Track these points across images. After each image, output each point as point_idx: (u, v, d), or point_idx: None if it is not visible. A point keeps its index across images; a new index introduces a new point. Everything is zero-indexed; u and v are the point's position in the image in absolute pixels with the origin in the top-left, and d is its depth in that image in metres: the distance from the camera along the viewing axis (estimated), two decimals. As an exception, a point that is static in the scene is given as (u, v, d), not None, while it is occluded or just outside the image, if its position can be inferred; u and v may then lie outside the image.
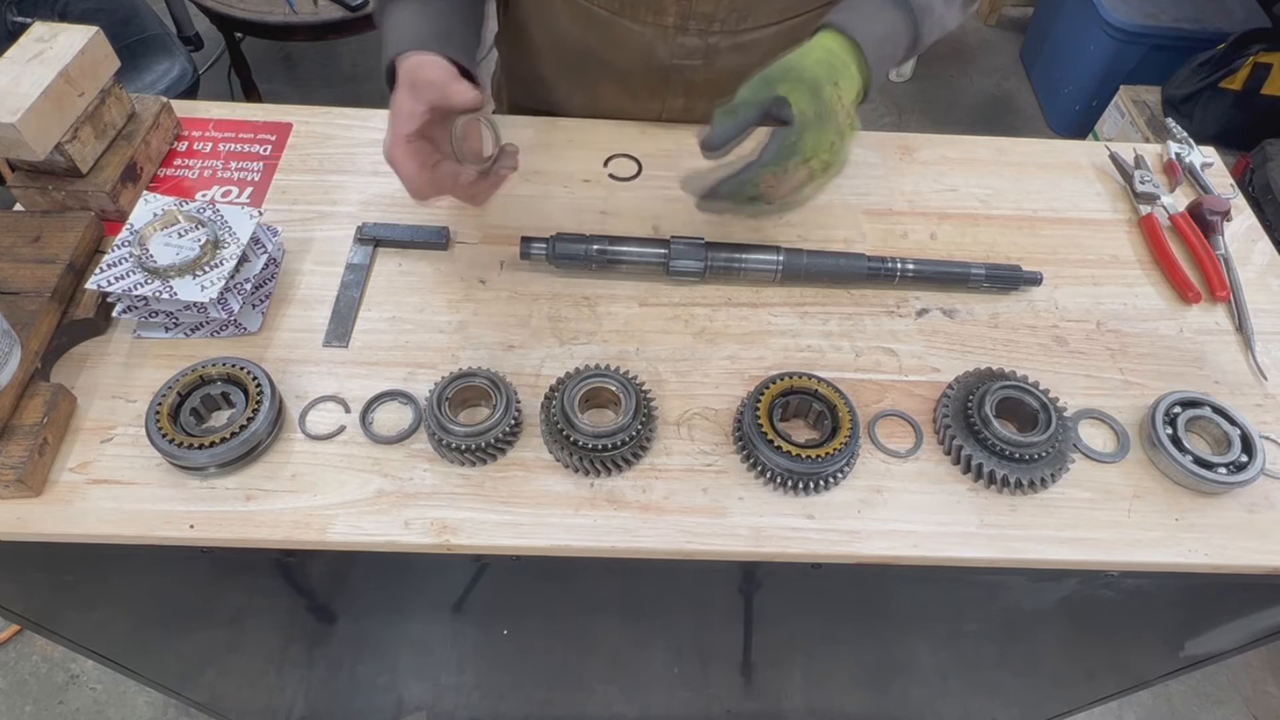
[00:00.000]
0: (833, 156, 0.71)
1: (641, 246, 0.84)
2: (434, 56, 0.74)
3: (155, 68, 2.05)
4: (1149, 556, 0.69)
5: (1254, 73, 2.24)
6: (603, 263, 0.84)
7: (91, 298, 0.77)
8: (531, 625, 1.00)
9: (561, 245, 0.83)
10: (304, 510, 0.68)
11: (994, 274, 0.86)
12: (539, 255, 0.84)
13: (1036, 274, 0.87)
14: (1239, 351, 0.84)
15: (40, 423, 0.68)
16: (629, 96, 1.00)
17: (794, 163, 0.70)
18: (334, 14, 2.33)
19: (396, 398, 0.75)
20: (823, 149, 0.70)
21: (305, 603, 0.95)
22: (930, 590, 0.85)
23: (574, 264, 0.84)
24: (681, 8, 0.88)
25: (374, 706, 1.36)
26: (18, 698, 1.70)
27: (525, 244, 0.84)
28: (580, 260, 0.84)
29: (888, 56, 0.76)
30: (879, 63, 0.74)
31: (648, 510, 0.70)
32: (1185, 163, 1.01)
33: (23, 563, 0.77)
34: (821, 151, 0.70)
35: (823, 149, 0.70)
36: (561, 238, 0.84)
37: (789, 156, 0.70)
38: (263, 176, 0.93)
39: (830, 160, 0.71)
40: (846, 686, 1.27)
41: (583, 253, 0.83)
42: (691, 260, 0.83)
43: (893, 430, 0.76)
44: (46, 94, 0.77)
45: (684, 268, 0.83)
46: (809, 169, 0.71)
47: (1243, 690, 1.81)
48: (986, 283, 0.86)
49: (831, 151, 0.70)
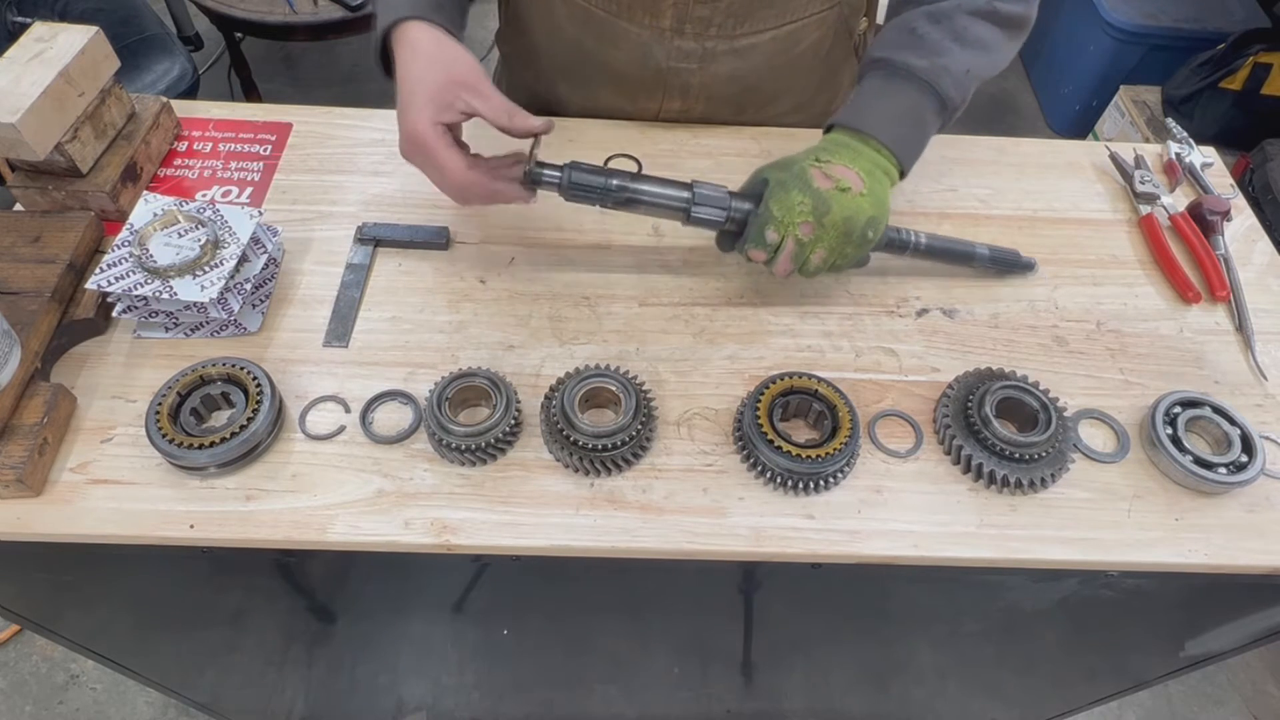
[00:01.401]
0: (810, 218, 0.72)
1: (663, 188, 0.77)
2: (460, 51, 0.74)
3: (155, 68, 2.05)
4: (1149, 556, 0.69)
5: (1254, 73, 2.24)
6: (620, 200, 0.76)
7: (91, 298, 0.77)
8: (531, 625, 1.00)
9: (578, 175, 0.75)
10: (304, 510, 0.68)
11: (996, 255, 0.87)
12: (550, 183, 0.75)
13: (1031, 260, 0.88)
14: (1239, 351, 0.84)
15: (40, 423, 0.68)
16: (626, 97, 1.00)
17: (769, 230, 0.73)
18: (334, 14, 2.33)
19: (396, 398, 0.75)
20: (793, 212, 0.72)
21: (305, 603, 0.95)
22: (930, 590, 0.85)
23: (587, 196, 0.76)
24: (678, 11, 0.88)
25: (374, 706, 1.36)
26: (18, 698, 1.70)
27: (537, 168, 0.75)
28: (596, 193, 0.76)
29: (912, 130, 0.78)
30: (904, 139, 0.77)
31: (648, 510, 0.70)
32: (1185, 163, 1.01)
33: (23, 563, 0.77)
34: (792, 215, 0.72)
35: (793, 212, 0.72)
36: (578, 166, 0.75)
37: (763, 225, 0.73)
38: (263, 176, 0.93)
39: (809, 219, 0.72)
40: (846, 686, 1.27)
41: (600, 185, 0.75)
42: (714, 209, 0.76)
43: (893, 430, 0.76)
44: (46, 94, 0.77)
45: (705, 215, 0.77)
46: (794, 238, 0.73)
47: (1243, 690, 1.81)
48: (990, 264, 0.87)
49: (806, 214, 0.72)
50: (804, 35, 0.94)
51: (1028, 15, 0.81)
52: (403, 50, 0.75)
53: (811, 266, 0.75)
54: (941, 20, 0.77)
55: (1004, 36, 0.80)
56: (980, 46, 0.78)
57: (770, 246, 0.74)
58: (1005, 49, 0.81)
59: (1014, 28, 0.81)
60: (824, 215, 0.72)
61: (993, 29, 0.79)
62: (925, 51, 0.77)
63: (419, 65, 0.74)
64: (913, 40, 0.78)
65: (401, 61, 0.75)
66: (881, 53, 0.79)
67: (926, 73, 0.76)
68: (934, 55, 0.77)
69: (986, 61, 0.79)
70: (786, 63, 0.96)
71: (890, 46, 0.79)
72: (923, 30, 0.77)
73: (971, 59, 0.78)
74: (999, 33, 0.79)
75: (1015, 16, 0.80)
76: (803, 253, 0.74)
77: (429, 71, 0.74)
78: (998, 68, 0.81)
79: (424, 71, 0.74)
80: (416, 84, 0.74)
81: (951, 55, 0.77)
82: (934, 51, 0.77)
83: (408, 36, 0.75)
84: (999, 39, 0.80)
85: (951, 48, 0.77)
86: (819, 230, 0.73)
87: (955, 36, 0.77)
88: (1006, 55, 0.81)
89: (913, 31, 0.78)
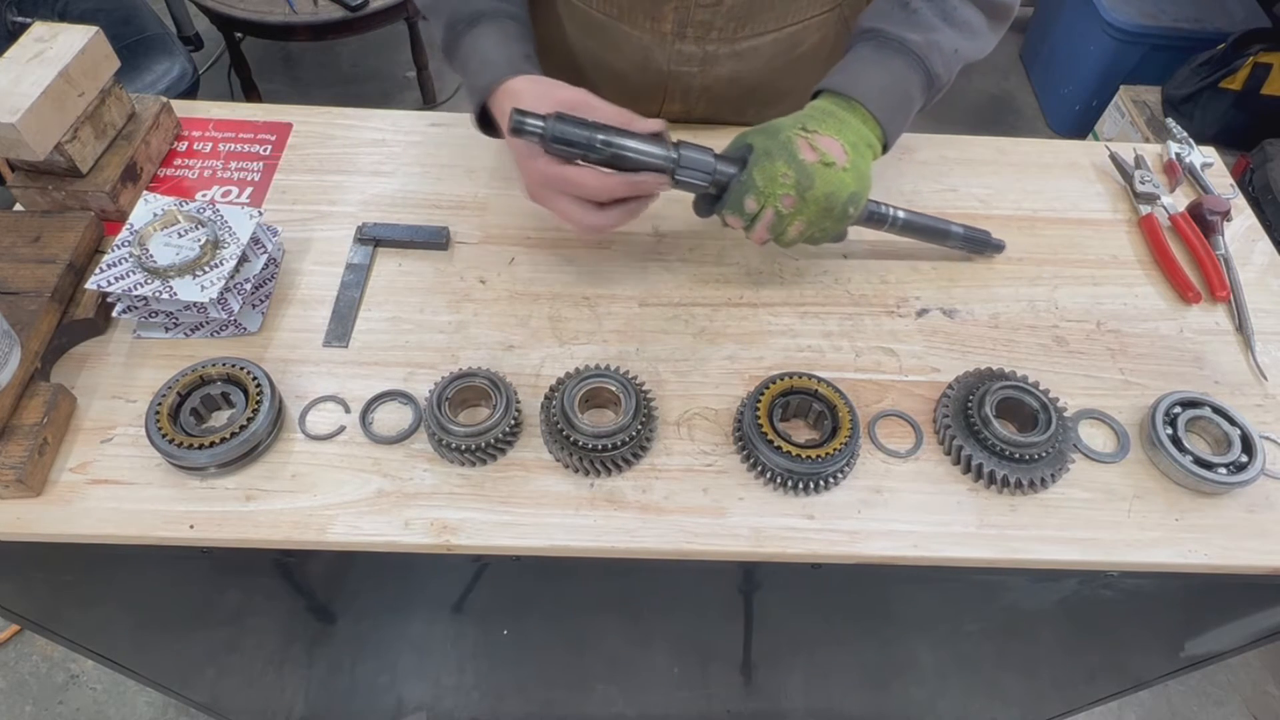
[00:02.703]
0: (792, 191, 0.73)
1: (649, 145, 0.74)
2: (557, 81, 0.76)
3: (155, 68, 2.05)
4: (1149, 556, 0.69)
5: (1254, 73, 2.24)
6: (604, 156, 0.73)
7: (91, 298, 0.77)
8: (531, 625, 1.00)
9: (562, 126, 0.71)
10: (304, 510, 0.68)
11: (969, 234, 0.87)
12: (533, 133, 0.71)
13: (1000, 242, 0.89)
14: (1239, 351, 0.84)
15: (40, 423, 0.68)
16: (627, 100, 0.99)
17: (749, 199, 0.73)
18: (334, 14, 2.33)
19: (396, 398, 0.75)
20: (775, 184, 0.73)
21: (305, 603, 0.95)
22: (930, 590, 0.85)
23: (571, 150, 0.72)
24: (679, 15, 0.88)
25: (374, 706, 1.36)
26: (18, 698, 1.70)
27: (519, 116, 0.70)
28: (580, 147, 0.72)
29: (900, 103, 0.78)
30: (891, 110, 0.77)
31: (648, 510, 0.70)
32: (1185, 163, 1.01)
33: (23, 563, 0.77)
34: (774, 186, 0.73)
35: (775, 184, 0.73)
36: (563, 118, 0.71)
37: (744, 193, 0.74)
38: (263, 176, 0.93)
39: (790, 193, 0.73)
40: (846, 686, 1.27)
41: (584, 139, 0.71)
42: (699, 172, 0.74)
43: (893, 430, 0.76)
44: (46, 94, 0.77)
45: (690, 179, 0.75)
46: (774, 209, 0.73)
47: (1243, 690, 1.81)
48: (962, 243, 0.87)
49: (789, 188, 0.73)
50: (805, 37, 0.94)
51: (1011, 5, 0.82)
52: (506, 103, 0.75)
53: (789, 238, 0.76)
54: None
55: (988, 23, 0.82)
56: (967, 29, 0.80)
57: (748, 216, 0.75)
58: (989, 35, 0.82)
59: (998, 16, 0.82)
60: (806, 190, 0.73)
61: (979, 14, 0.80)
62: (918, 26, 0.78)
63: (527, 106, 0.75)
64: (905, 14, 0.78)
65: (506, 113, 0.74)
66: (874, 23, 0.80)
67: (919, 47, 0.77)
68: (927, 31, 0.78)
69: (972, 45, 0.80)
70: (788, 65, 0.96)
71: (883, 18, 0.80)
72: (915, 5, 0.78)
73: (959, 39, 0.79)
74: (984, 19, 0.81)
75: (1000, 5, 0.81)
76: (781, 224, 0.75)
77: (539, 107, 0.73)
78: (981, 53, 0.82)
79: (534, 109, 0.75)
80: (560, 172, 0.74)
81: (942, 33, 0.78)
82: (927, 27, 0.78)
83: (509, 90, 0.76)
84: (983, 25, 0.81)
85: (942, 26, 0.78)
86: (800, 204, 0.74)
87: (945, 16, 0.78)
88: (990, 42, 0.83)
89: (905, 5, 0.79)
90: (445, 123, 1.01)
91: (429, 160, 0.97)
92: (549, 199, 0.76)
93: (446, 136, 0.99)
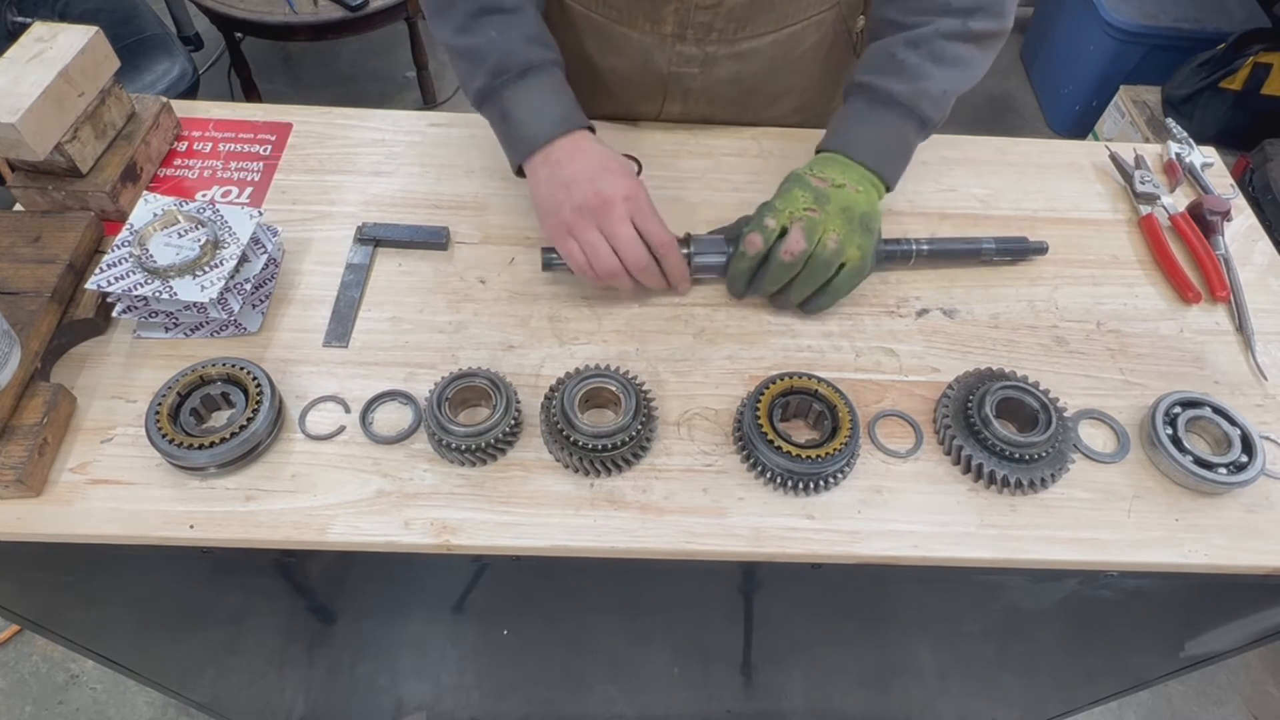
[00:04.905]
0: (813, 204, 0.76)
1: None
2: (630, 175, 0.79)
3: (155, 68, 2.05)
4: (1149, 557, 0.69)
5: (1254, 73, 2.24)
6: None
7: (91, 298, 0.77)
8: (531, 625, 1.00)
9: None
10: (304, 510, 0.68)
11: (1003, 245, 0.88)
12: (563, 267, 0.80)
13: (1042, 243, 0.89)
14: (1239, 351, 0.84)
15: (40, 423, 0.68)
16: (627, 101, 1.00)
17: (769, 218, 0.77)
18: (334, 14, 2.33)
19: (396, 398, 0.75)
20: (794, 202, 0.77)
21: (305, 603, 0.95)
22: (930, 590, 0.85)
23: None
24: (679, 17, 0.88)
25: (374, 706, 1.36)
26: (18, 698, 1.70)
27: (549, 254, 0.81)
28: None
29: (896, 150, 0.83)
30: (888, 159, 0.82)
31: (648, 510, 0.70)
32: (1185, 163, 1.01)
33: (23, 563, 0.77)
34: (793, 204, 0.77)
35: (794, 202, 0.77)
36: None
37: (763, 215, 0.78)
38: (263, 176, 0.93)
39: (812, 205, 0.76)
40: (846, 686, 1.27)
41: None
42: (714, 255, 0.82)
43: (893, 430, 0.76)
44: (46, 94, 0.77)
45: (706, 262, 0.82)
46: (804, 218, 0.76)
47: (1243, 690, 1.81)
48: (996, 255, 0.88)
49: (809, 202, 0.77)
50: (804, 37, 0.94)
51: (1002, 29, 0.83)
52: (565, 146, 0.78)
53: (828, 251, 0.76)
54: (920, 45, 0.81)
55: (980, 51, 0.83)
56: (958, 64, 0.82)
57: (769, 231, 0.77)
58: (982, 61, 0.84)
59: (988, 41, 0.84)
60: (825, 204, 0.77)
61: (968, 47, 0.82)
62: (906, 76, 0.80)
63: (597, 150, 0.79)
64: (893, 65, 0.81)
65: (568, 155, 0.78)
66: (864, 77, 0.83)
67: (907, 97, 0.80)
68: (914, 80, 0.80)
69: (964, 76, 0.83)
70: (787, 65, 0.96)
71: (872, 70, 0.82)
72: (902, 56, 0.81)
73: (949, 78, 0.81)
74: (975, 49, 0.83)
75: (989, 33, 0.82)
76: (815, 229, 0.76)
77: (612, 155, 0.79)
78: (976, 78, 0.85)
79: (606, 153, 0.79)
80: (607, 158, 0.79)
81: (930, 78, 0.80)
82: (914, 76, 0.80)
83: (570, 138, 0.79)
84: (975, 54, 0.83)
85: (931, 71, 0.80)
86: (824, 215, 0.76)
87: (934, 59, 0.81)
88: (984, 66, 0.85)
89: (893, 57, 0.81)
90: (445, 123, 1.01)
91: (429, 160, 0.97)
92: (585, 229, 0.76)
93: (446, 136, 0.99)
